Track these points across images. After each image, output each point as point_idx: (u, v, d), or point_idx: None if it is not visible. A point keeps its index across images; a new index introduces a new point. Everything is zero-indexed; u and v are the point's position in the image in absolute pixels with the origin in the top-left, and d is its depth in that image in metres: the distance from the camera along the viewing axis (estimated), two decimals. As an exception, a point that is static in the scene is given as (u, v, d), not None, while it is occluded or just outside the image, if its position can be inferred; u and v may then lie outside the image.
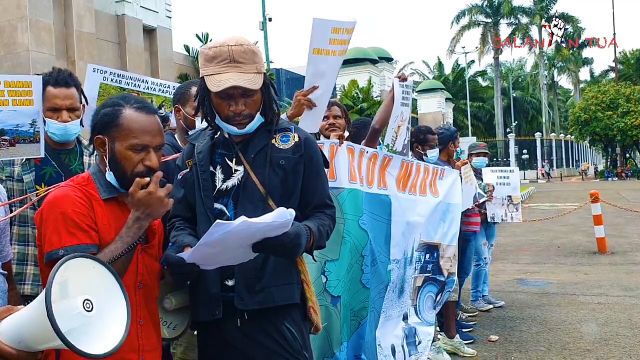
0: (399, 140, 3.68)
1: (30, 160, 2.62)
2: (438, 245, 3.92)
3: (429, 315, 3.92)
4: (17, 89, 2.47)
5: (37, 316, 1.18)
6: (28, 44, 9.74)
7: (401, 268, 3.54)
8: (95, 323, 1.24)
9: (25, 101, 2.49)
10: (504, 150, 46.85)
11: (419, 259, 3.73)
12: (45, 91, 2.57)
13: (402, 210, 3.47)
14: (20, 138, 2.50)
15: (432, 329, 3.92)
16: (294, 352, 2.04)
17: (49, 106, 2.58)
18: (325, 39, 2.87)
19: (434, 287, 3.95)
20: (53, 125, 2.59)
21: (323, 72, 2.93)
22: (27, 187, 2.57)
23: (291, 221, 1.78)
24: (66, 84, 2.62)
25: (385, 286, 3.35)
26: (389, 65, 35.00)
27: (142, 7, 13.28)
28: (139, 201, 1.72)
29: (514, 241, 10.89)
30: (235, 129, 2.06)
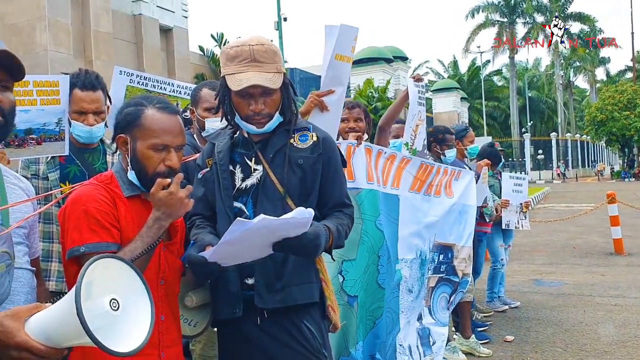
0: (418, 139, 3.70)
1: (55, 158, 2.67)
2: (452, 245, 3.92)
3: (443, 316, 3.92)
4: (45, 89, 2.51)
5: (65, 314, 1.21)
6: (46, 43, 9.86)
7: (415, 268, 3.54)
8: (121, 322, 1.26)
9: (52, 100, 2.54)
10: (520, 150, 46.51)
11: (432, 259, 3.74)
12: (72, 93, 2.61)
13: (412, 210, 3.47)
14: (46, 137, 2.55)
15: (445, 330, 3.92)
16: (314, 350, 2.05)
17: (75, 109, 2.63)
18: (348, 46, 2.92)
19: (447, 287, 3.94)
20: (79, 127, 2.64)
21: (341, 78, 2.96)
22: (52, 185, 2.62)
23: (310, 220, 1.80)
24: (93, 87, 2.66)
25: (397, 285, 3.36)
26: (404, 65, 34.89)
27: (158, 7, 13.38)
28: (160, 201, 1.74)
29: (529, 242, 10.82)
30: (254, 128, 2.08)
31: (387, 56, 32.66)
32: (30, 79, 2.49)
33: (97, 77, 2.73)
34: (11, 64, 1.62)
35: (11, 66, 1.63)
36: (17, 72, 1.65)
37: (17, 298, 1.59)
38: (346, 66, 2.97)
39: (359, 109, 3.72)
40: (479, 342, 4.81)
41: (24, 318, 1.31)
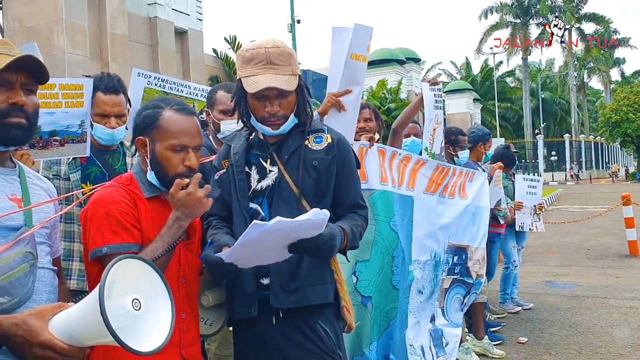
0: (436, 143, 3.72)
1: (76, 159, 2.72)
2: (467, 247, 3.92)
3: (456, 317, 3.92)
4: (70, 92, 2.56)
5: (89, 313, 1.24)
6: (64, 46, 9.96)
7: (429, 270, 3.55)
8: (142, 321, 1.29)
9: (76, 103, 2.59)
10: (532, 151, 46.15)
11: (446, 261, 3.74)
12: (94, 96, 2.66)
13: (426, 212, 3.48)
14: (69, 138, 2.60)
15: (459, 331, 3.92)
16: (328, 350, 2.06)
17: (98, 112, 2.68)
18: (364, 45, 2.93)
19: (461, 289, 3.95)
20: (101, 130, 2.69)
21: (357, 78, 2.98)
22: (73, 185, 2.68)
23: (325, 221, 1.82)
24: (115, 90, 2.71)
25: (409, 286, 3.37)
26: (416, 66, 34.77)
27: (173, 10, 13.46)
28: (179, 201, 1.77)
29: (542, 243, 10.75)
30: (270, 130, 2.10)
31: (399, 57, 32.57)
32: (56, 82, 2.54)
33: (119, 80, 2.78)
34: (36, 68, 1.66)
35: (36, 70, 1.67)
36: (41, 75, 1.69)
37: (40, 297, 1.62)
38: (362, 65, 2.99)
39: (368, 109, 3.74)
40: (492, 344, 4.80)
41: (47, 317, 1.34)
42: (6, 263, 1.50)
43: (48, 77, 1.71)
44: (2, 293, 1.47)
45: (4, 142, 1.64)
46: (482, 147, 5.16)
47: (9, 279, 1.50)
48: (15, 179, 1.70)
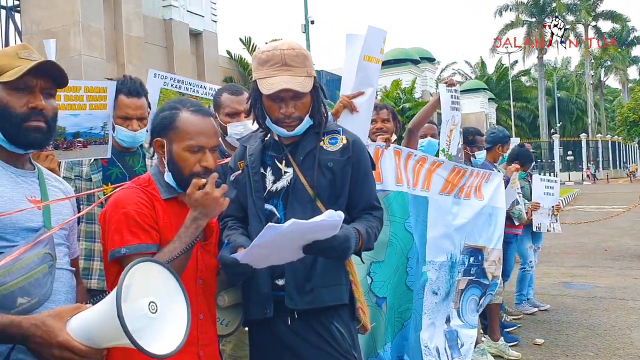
0: (453, 144, 3.71)
1: (97, 160, 2.76)
2: (483, 248, 3.90)
3: (472, 318, 3.90)
4: (94, 94, 2.61)
5: (106, 315, 1.25)
6: (80, 48, 10.06)
7: (445, 271, 3.54)
8: (158, 323, 1.30)
9: (99, 105, 2.63)
10: (548, 151, 45.74)
11: (462, 261, 3.73)
12: (117, 99, 2.70)
13: (441, 213, 3.47)
14: (92, 140, 2.65)
15: (474, 332, 3.90)
16: (343, 351, 2.06)
17: (120, 114, 2.72)
18: (377, 47, 2.94)
19: (477, 290, 3.93)
20: (123, 132, 2.73)
21: (370, 80, 2.98)
22: (95, 186, 2.72)
23: (340, 223, 1.82)
24: (138, 94, 2.75)
25: (422, 287, 3.36)
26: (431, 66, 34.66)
27: (188, 12, 13.54)
28: (196, 201, 1.78)
29: (558, 244, 10.65)
30: (285, 131, 2.11)
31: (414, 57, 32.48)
32: (82, 85, 2.59)
33: (141, 84, 2.82)
34: (55, 72, 1.69)
35: (55, 75, 1.69)
36: (61, 80, 1.72)
37: (58, 297, 1.64)
38: (375, 67, 3.00)
39: (386, 110, 3.74)
40: (507, 345, 4.77)
41: (65, 318, 1.36)
42: (26, 264, 1.52)
43: (67, 81, 1.74)
44: (22, 293, 1.49)
45: (23, 146, 1.67)
46: (500, 148, 5.14)
47: (28, 279, 1.52)
48: (35, 181, 1.73)
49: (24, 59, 1.64)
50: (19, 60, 1.63)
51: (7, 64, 1.63)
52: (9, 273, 1.48)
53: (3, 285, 1.46)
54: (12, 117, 1.62)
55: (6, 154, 1.67)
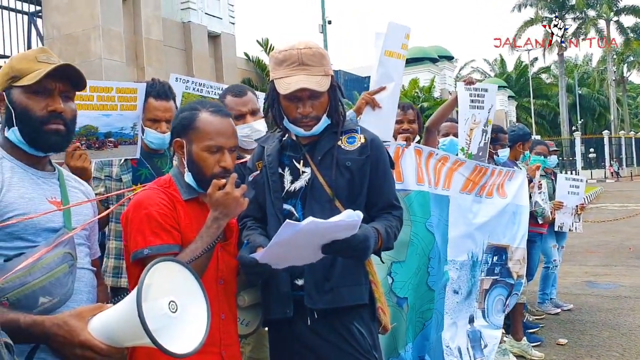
0: (473, 143, 3.68)
1: (127, 161, 2.83)
2: (507, 247, 3.86)
3: (497, 319, 3.86)
4: (125, 95, 2.67)
5: (127, 315, 1.26)
6: (100, 52, 10.16)
7: (466, 270, 3.50)
8: (179, 323, 1.31)
9: (130, 106, 2.69)
10: (570, 149, 45.14)
11: (485, 261, 3.69)
12: (146, 102, 2.75)
13: (462, 211, 3.44)
14: (122, 140, 2.70)
15: (499, 333, 3.86)
16: (364, 351, 2.05)
17: (149, 117, 2.77)
18: (398, 43, 2.93)
19: (503, 290, 3.88)
20: (152, 134, 2.77)
21: (391, 75, 2.98)
22: (125, 186, 2.78)
23: (359, 223, 1.81)
24: (166, 97, 2.80)
25: (443, 286, 3.33)
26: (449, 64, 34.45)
27: (206, 14, 13.61)
28: (217, 201, 1.79)
29: (581, 242, 10.49)
30: (302, 131, 2.10)
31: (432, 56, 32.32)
32: (113, 86, 2.66)
33: (170, 87, 2.87)
34: (74, 75, 1.70)
35: (74, 78, 1.71)
36: (79, 82, 1.73)
37: (80, 297, 1.66)
38: (396, 62, 3.00)
39: (412, 111, 3.73)
40: (530, 345, 4.71)
41: (87, 318, 1.37)
42: (46, 264, 1.54)
43: (85, 84, 1.76)
44: (44, 293, 1.51)
45: (43, 148, 1.69)
46: (521, 146, 5.08)
47: (50, 279, 1.53)
48: (55, 182, 1.75)
49: (42, 62, 1.66)
50: (38, 64, 1.65)
51: (26, 68, 1.65)
52: (31, 273, 1.50)
53: (25, 285, 1.48)
54: (31, 120, 1.64)
55: (26, 156, 1.69)
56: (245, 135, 2.71)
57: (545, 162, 5.80)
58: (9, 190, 1.59)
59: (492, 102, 3.84)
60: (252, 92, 2.82)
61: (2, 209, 1.55)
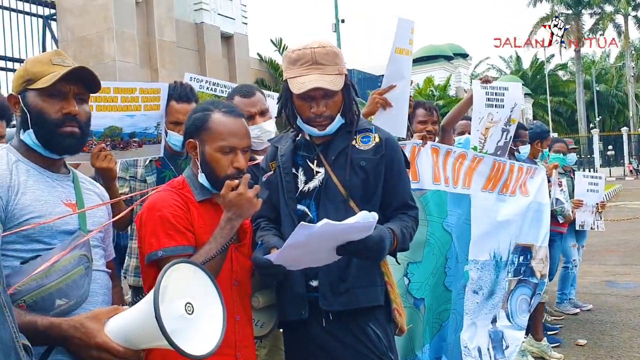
0: (489, 143, 3.63)
1: (152, 162, 2.85)
2: (531, 246, 3.81)
3: (522, 319, 3.81)
4: (149, 95, 2.69)
5: (144, 317, 1.25)
6: (114, 54, 10.25)
7: (488, 270, 3.45)
8: (195, 325, 1.30)
9: (153, 106, 2.71)
10: (587, 146, 44.63)
11: (512, 261, 3.64)
12: (168, 105, 2.77)
13: (484, 210, 3.40)
14: (146, 140, 2.73)
15: (521, 334, 3.81)
16: (380, 353, 2.03)
17: (172, 120, 2.78)
18: (406, 39, 2.90)
19: (527, 289, 3.84)
20: (175, 137, 2.77)
21: (402, 72, 2.95)
22: (149, 187, 2.78)
23: (374, 224, 1.78)
24: (188, 99, 2.80)
25: (463, 287, 3.29)
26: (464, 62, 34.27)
27: (219, 15, 13.66)
28: (230, 202, 1.78)
29: (600, 241, 10.35)
30: (316, 131, 2.09)
31: (447, 54, 32.18)
32: (136, 86, 2.69)
33: (191, 89, 2.88)
34: (88, 78, 1.71)
35: (88, 80, 1.71)
36: (94, 85, 1.74)
37: (96, 299, 1.66)
38: (406, 59, 2.97)
39: (436, 112, 3.71)
40: (550, 346, 4.65)
41: (103, 320, 1.37)
42: (62, 266, 1.54)
43: (100, 86, 1.76)
44: (60, 295, 1.52)
45: (58, 151, 1.70)
46: (540, 144, 5.01)
47: (66, 281, 1.54)
48: (70, 185, 1.75)
49: (57, 65, 1.67)
50: (53, 67, 1.66)
51: (41, 71, 1.65)
52: (47, 275, 1.50)
53: (42, 287, 1.49)
54: (46, 122, 1.65)
55: (42, 158, 1.70)
56: (255, 136, 2.70)
57: (564, 159, 5.72)
58: (25, 193, 1.59)
59: (516, 101, 3.78)
60: (260, 92, 2.80)
61: (18, 212, 1.56)
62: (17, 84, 1.69)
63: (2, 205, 1.54)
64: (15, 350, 1.02)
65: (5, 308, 1.02)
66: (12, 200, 1.56)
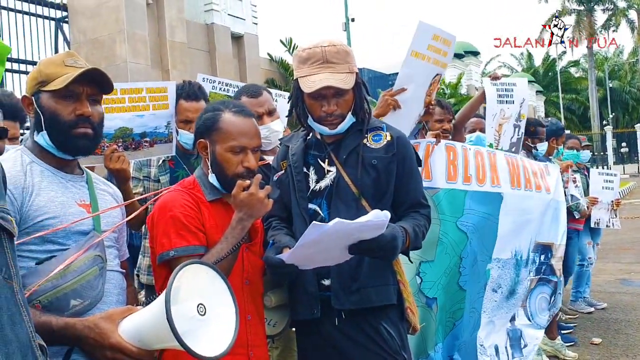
0: (503, 139, 3.61)
1: (165, 162, 2.86)
2: (551, 245, 3.79)
3: (542, 318, 3.78)
4: (156, 95, 2.70)
5: (156, 318, 1.26)
6: (126, 55, 10.29)
7: (508, 268, 3.43)
8: (207, 326, 1.30)
9: (162, 105, 2.72)
10: (601, 143, 44.18)
11: (533, 260, 3.61)
12: (178, 104, 2.77)
13: (514, 208, 3.36)
14: (157, 139, 2.74)
15: (540, 333, 3.77)
16: (392, 352, 2.03)
17: (181, 118, 2.78)
18: (425, 44, 2.86)
19: (547, 287, 3.81)
20: (185, 135, 2.77)
21: (416, 76, 2.91)
22: (163, 187, 2.78)
23: (386, 223, 1.78)
24: (196, 97, 2.80)
25: (484, 285, 3.26)
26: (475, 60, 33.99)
27: (229, 15, 13.68)
28: (241, 202, 1.79)
29: (614, 239, 10.24)
30: (327, 130, 2.08)
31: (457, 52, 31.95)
32: (143, 86, 2.70)
33: (200, 87, 2.88)
34: (101, 79, 1.72)
35: (101, 81, 1.72)
36: (106, 86, 1.75)
37: (110, 299, 1.67)
38: (422, 65, 2.88)
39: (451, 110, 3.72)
40: (564, 345, 4.61)
41: (117, 320, 1.38)
42: (77, 267, 1.55)
43: (112, 87, 1.77)
44: (75, 296, 1.53)
45: (71, 152, 1.71)
46: (555, 141, 4.98)
47: (81, 282, 1.55)
48: (84, 185, 1.76)
49: (69, 66, 1.68)
50: (66, 68, 1.67)
51: (54, 72, 1.66)
52: (62, 276, 1.52)
53: (57, 288, 1.50)
54: (60, 124, 1.66)
55: (55, 159, 1.71)
56: (263, 136, 2.69)
57: (577, 156, 5.68)
58: (39, 194, 1.60)
59: (524, 96, 3.76)
60: (267, 92, 2.79)
61: (33, 213, 1.57)
62: (31, 86, 1.71)
63: (17, 207, 1.54)
64: (31, 350, 1.03)
65: (22, 307, 1.03)
66: (26, 202, 1.57)
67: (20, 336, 1.00)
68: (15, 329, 0.99)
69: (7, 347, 0.96)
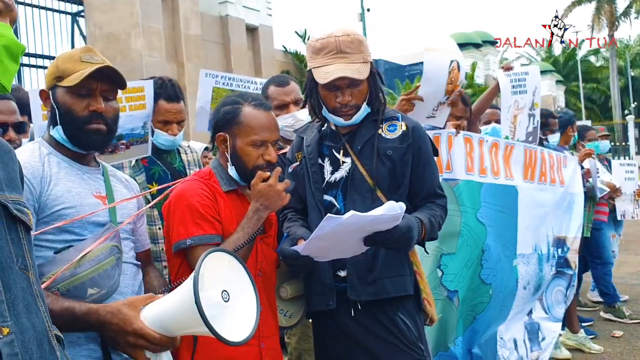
0: (519, 130, 3.57)
1: (138, 162, 2.73)
2: (565, 238, 3.74)
3: (559, 311, 3.74)
4: (132, 95, 2.58)
5: (182, 304, 1.27)
6: (141, 49, 10.36)
7: (533, 264, 3.39)
8: (230, 312, 1.31)
9: (139, 106, 2.61)
10: (622, 133, 43.51)
11: (553, 255, 3.57)
12: (157, 104, 2.67)
13: (530, 202, 3.31)
14: (134, 140, 2.63)
15: (558, 326, 3.73)
16: (409, 343, 2.01)
17: (160, 119, 2.69)
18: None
19: (562, 280, 3.77)
20: (163, 137, 2.69)
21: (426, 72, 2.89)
22: (141, 187, 2.71)
23: (402, 214, 1.76)
24: (177, 98, 2.73)
25: (515, 283, 3.21)
26: (493, 49, 33.64)
27: (244, 7, 13.68)
28: (259, 192, 1.80)
29: (635, 231, 10.09)
30: (342, 120, 2.07)
31: (475, 41, 31.63)
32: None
33: (179, 87, 2.81)
34: (114, 76, 1.73)
35: (115, 78, 1.73)
36: (120, 82, 1.76)
37: (125, 290, 1.69)
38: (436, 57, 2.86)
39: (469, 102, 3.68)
40: (588, 338, 4.54)
41: (139, 307, 1.40)
42: (95, 256, 1.57)
43: (125, 83, 1.79)
44: (92, 284, 1.55)
45: (85, 147, 1.73)
46: (571, 130, 4.92)
47: (98, 271, 1.57)
48: (100, 177, 1.78)
49: (85, 62, 1.69)
50: (81, 64, 1.68)
51: (70, 68, 1.68)
52: (80, 265, 1.54)
53: (75, 276, 1.53)
54: (74, 120, 1.67)
55: (71, 152, 1.73)
56: (288, 125, 2.69)
57: (597, 147, 5.60)
58: (57, 184, 1.62)
59: (536, 84, 3.70)
60: (295, 82, 2.79)
61: (51, 202, 1.59)
62: (48, 80, 1.73)
63: (35, 196, 1.57)
64: (48, 340, 1.04)
65: (38, 298, 1.05)
66: (45, 191, 1.59)
67: (36, 325, 1.01)
68: (31, 318, 1.00)
69: (23, 335, 0.97)
